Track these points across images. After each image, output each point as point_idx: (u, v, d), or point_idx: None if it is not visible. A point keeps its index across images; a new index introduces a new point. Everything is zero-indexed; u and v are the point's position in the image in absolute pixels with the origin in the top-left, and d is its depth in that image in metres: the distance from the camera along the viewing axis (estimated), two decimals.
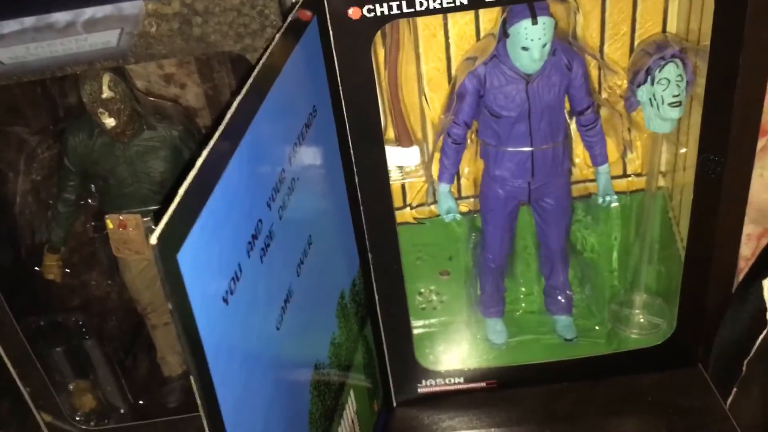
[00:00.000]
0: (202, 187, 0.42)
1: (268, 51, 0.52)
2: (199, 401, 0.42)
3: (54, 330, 0.80)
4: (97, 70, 0.67)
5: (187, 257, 0.40)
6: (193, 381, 0.41)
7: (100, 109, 0.69)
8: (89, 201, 0.78)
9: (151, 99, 0.75)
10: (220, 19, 0.62)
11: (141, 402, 0.87)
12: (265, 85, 0.52)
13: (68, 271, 0.80)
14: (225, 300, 0.45)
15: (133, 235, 0.76)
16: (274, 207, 0.53)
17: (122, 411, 0.86)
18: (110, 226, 0.76)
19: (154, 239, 0.37)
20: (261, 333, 0.51)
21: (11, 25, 0.60)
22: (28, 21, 0.60)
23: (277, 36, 0.54)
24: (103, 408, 0.85)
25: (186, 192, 0.40)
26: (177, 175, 0.75)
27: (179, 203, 0.39)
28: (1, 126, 0.74)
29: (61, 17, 0.60)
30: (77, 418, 0.84)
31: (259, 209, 0.50)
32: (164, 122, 0.74)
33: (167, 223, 0.38)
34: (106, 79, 0.69)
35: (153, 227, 0.75)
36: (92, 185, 0.77)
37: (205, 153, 0.42)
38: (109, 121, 0.70)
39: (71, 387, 0.83)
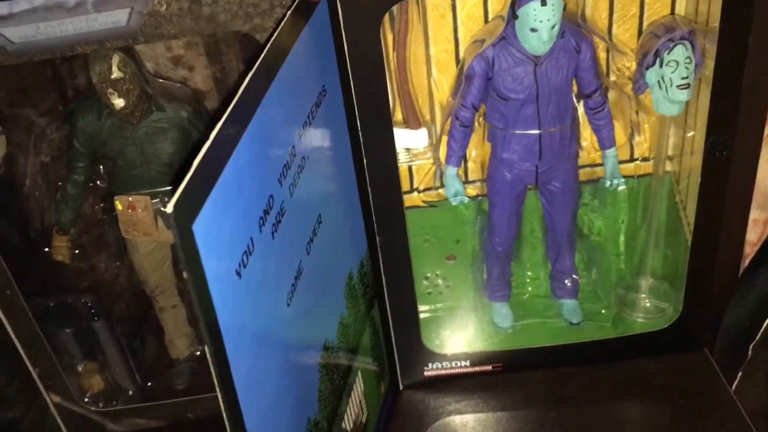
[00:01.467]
0: (215, 161, 0.42)
1: (278, 30, 0.53)
2: (213, 373, 0.43)
3: (63, 311, 0.80)
4: (106, 50, 0.67)
5: (201, 228, 0.40)
6: (207, 353, 0.42)
7: (110, 90, 0.70)
8: (98, 183, 0.79)
9: (160, 80, 0.75)
10: None
11: (149, 384, 0.88)
12: (275, 63, 0.52)
13: (77, 252, 0.80)
14: (238, 273, 0.45)
15: (142, 216, 0.77)
16: (284, 184, 0.53)
17: (130, 392, 0.87)
18: (119, 207, 0.76)
19: (170, 208, 0.37)
20: (272, 308, 0.52)
21: (21, 4, 0.60)
22: (39, 0, 0.60)
23: (287, 15, 0.54)
24: (112, 389, 0.86)
25: (200, 164, 0.40)
26: (189, 152, 0.76)
27: (193, 175, 0.40)
28: (10, 108, 0.75)
29: None
30: (86, 400, 0.84)
31: (271, 185, 0.51)
32: (173, 104, 0.74)
33: (182, 194, 0.38)
34: (115, 59, 0.69)
35: (162, 209, 0.77)
36: (101, 167, 0.77)
37: (217, 127, 0.42)
38: (119, 102, 0.70)
39: (80, 368, 0.84)
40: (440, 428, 0.79)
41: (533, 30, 0.66)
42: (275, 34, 0.52)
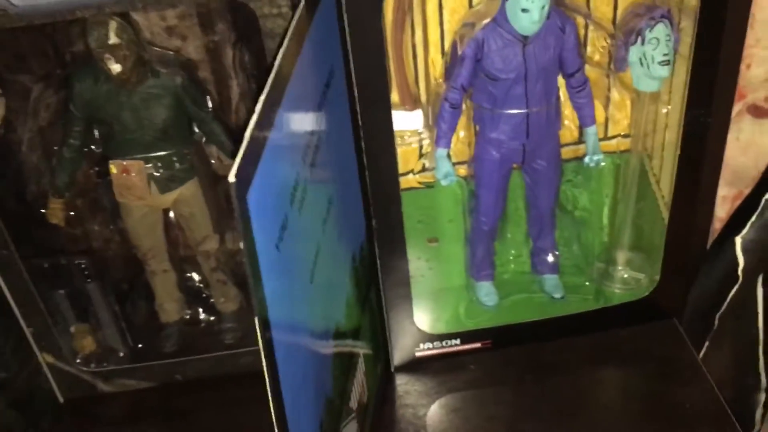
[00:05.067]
0: (260, 135, 0.44)
1: (297, 13, 0.55)
2: (261, 347, 0.44)
3: (57, 273, 0.82)
4: (104, 16, 0.69)
5: (253, 200, 0.42)
6: (257, 323, 0.43)
7: (107, 55, 0.71)
8: (93, 148, 0.80)
9: (155, 48, 0.77)
10: None
11: (139, 345, 0.90)
12: (297, 45, 0.54)
13: (72, 215, 0.82)
14: (277, 247, 0.47)
15: (136, 180, 0.78)
16: (306, 162, 0.55)
17: (121, 354, 0.88)
18: (113, 171, 0.78)
19: (231, 177, 0.39)
20: (300, 285, 0.54)
21: None
22: None
23: (302, 2, 0.56)
24: (103, 350, 0.88)
25: (251, 136, 0.42)
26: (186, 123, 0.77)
27: (246, 146, 0.41)
28: (7, 72, 0.76)
29: None
30: (77, 360, 0.86)
31: (298, 163, 0.53)
32: (167, 71, 0.76)
33: (240, 164, 0.40)
34: (113, 25, 0.70)
35: (155, 173, 0.78)
36: (96, 131, 0.79)
37: (260, 102, 0.44)
38: (115, 67, 0.72)
39: (72, 329, 0.86)
40: (441, 407, 0.81)
41: (524, 10, 0.68)
42: (295, 17, 0.54)
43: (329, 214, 0.62)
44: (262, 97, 0.45)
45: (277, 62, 0.48)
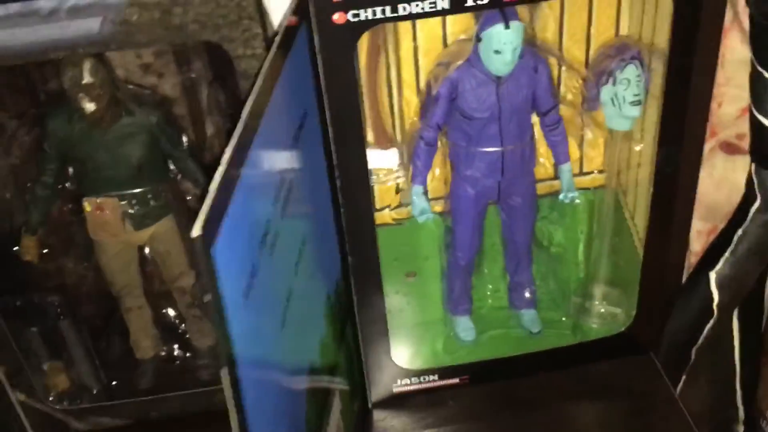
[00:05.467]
0: (227, 185, 0.44)
1: (269, 57, 0.55)
2: (227, 396, 0.44)
3: (29, 310, 0.81)
4: (79, 56, 0.69)
5: (219, 252, 0.41)
6: (223, 376, 0.43)
7: (81, 94, 0.71)
8: (67, 185, 0.80)
9: (130, 86, 0.77)
10: (199, 10, 0.64)
11: (113, 383, 0.89)
12: (267, 90, 0.54)
13: (45, 252, 0.82)
14: (246, 295, 0.47)
15: (110, 217, 0.78)
16: (277, 207, 0.55)
17: (95, 391, 0.88)
18: (88, 209, 0.78)
19: (196, 231, 0.39)
20: (270, 329, 0.53)
21: None
22: (14, 7, 0.62)
23: (275, 41, 0.57)
24: (76, 388, 0.87)
25: (217, 189, 0.42)
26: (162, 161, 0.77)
27: (213, 200, 0.41)
28: None
29: (45, 4, 0.62)
30: (50, 398, 0.85)
31: (267, 208, 0.53)
32: (142, 109, 0.76)
33: (206, 217, 0.40)
34: (87, 65, 0.70)
35: (129, 211, 0.78)
36: (70, 169, 0.78)
37: (227, 153, 0.44)
38: (89, 107, 0.72)
39: (45, 367, 0.85)
40: None
41: (497, 52, 0.69)
42: (267, 61, 0.54)
43: (302, 254, 0.62)
44: (229, 150, 0.44)
45: (245, 112, 0.48)
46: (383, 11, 0.62)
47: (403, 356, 0.84)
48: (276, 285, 0.55)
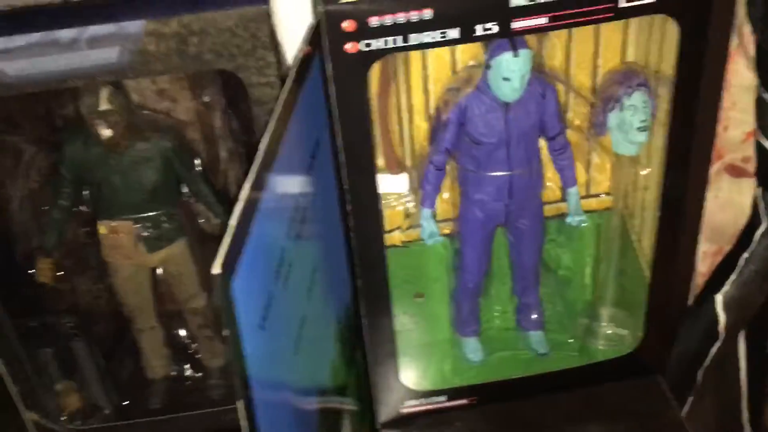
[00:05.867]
0: (245, 220, 0.45)
1: (285, 88, 0.56)
2: (243, 425, 0.45)
3: (44, 331, 0.82)
4: (96, 84, 0.71)
5: (238, 286, 0.42)
6: (239, 407, 0.44)
7: (98, 121, 0.72)
8: (81, 208, 0.81)
9: (145, 112, 0.78)
10: (215, 40, 0.65)
11: (125, 403, 0.89)
12: (284, 121, 0.55)
13: (60, 274, 0.83)
14: (261, 326, 0.48)
15: (125, 240, 0.79)
16: (291, 236, 0.56)
17: (107, 411, 0.88)
18: (102, 231, 0.79)
19: (216, 269, 0.39)
20: (285, 358, 0.54)
21: (18, 41, 0.63)
22: (35, 37, 0.63)
23: (291, 72, 0.58)
24: (89, 408, 0.87)
25: (237, 224, 0.43)
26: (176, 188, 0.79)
27: (233, 236, 0.42)
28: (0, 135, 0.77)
29: (65, 34, 0.64)
30: (63, 418, 0.86)
31: (282, 238, 0.54)
32: (157, 134, 0.77)
33: (226, 254, 0.40)
34: (104, 92, 0.72)
35: (143, 234, 0.79)
36: (86, 193, 0.80)
37: (246, 188, 0.45)
38: (106, 133, 0.73)
39: (58, 387, 0.85)
40: None
41: (506, 79, 0.70)
42: (283, 92, 0.56)
43: (314, 281, 0.63)
44: (247, 185, 0.45)
45: (263, 145, 0.49)
46: (395, 41, 0.63)
47: (411, 377, 0.85)
48: (290, 312, 0.56)
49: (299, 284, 0.59)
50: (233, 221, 0.43)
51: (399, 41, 0.63)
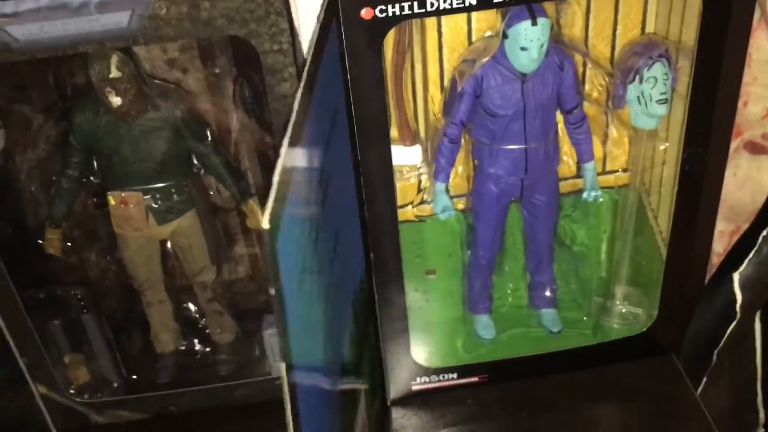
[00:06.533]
0: (285, 180, 0.44)
1: (310, 55, 0.56)
2: (284, 391, 0.45)
3: (52, 303, 0.82)
4: (106, 50, 0.70)
5: (281, 246, 0.42)
6: (281, 371, 0.44)
7: (108, 88, 0.71)
8: (91, 179, 0.80)
9: (156, 81, 0.77)
10: (227, 5, 0.64)
11: (134, 377, 0.89)
12: (312, 87, 0.54)
13: (69, 246, 0.82)
14: (298, 289, 0.47)
15: (134, 212, 0.78)
16: (318, 202, 0.55)
17: (115, 385, 0.88)
18: (112, 202, 0.78)
19: (265, 224, 0.39)
20: (315, 322, 0.54)
21: (27, 4, 0.62)
22: (44, 0, 0.62)
23: (313, 41, 0.57)
24: (97, 381, 0.87)
25: (278, 181, 0.42)
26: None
27: (276, 192, 0.41)
28: (8, 104, 0.76)
29: None
30: (71, 391, 0.86)
31: (312, 204, 0.53)
32: (167, 104, 0.76)
33: (272, 209, 0.40)
34: (114, 59, 0.71)
35: (153, 205, 0.79)
36: (95, 163, 0.79)
37: (284, 147, 0.45)
38: (116, 100, 0.72)
39: (66, 360, 0.85)
40: None
41: (523, 49, 0.69)
42: (309, 59, 0.55)
43: (336, 251, 0.62)
44: (286, 141, 0.45)
45: (295, 106, 0.48)
46: (411, 6, 0.62)
47: (422, 354, 0.84)
48: (319, 281, 0.55)
49: (325, 252, 0.58)
50: (276, 177, 0.42)
51: (415, 7, 0.62)
